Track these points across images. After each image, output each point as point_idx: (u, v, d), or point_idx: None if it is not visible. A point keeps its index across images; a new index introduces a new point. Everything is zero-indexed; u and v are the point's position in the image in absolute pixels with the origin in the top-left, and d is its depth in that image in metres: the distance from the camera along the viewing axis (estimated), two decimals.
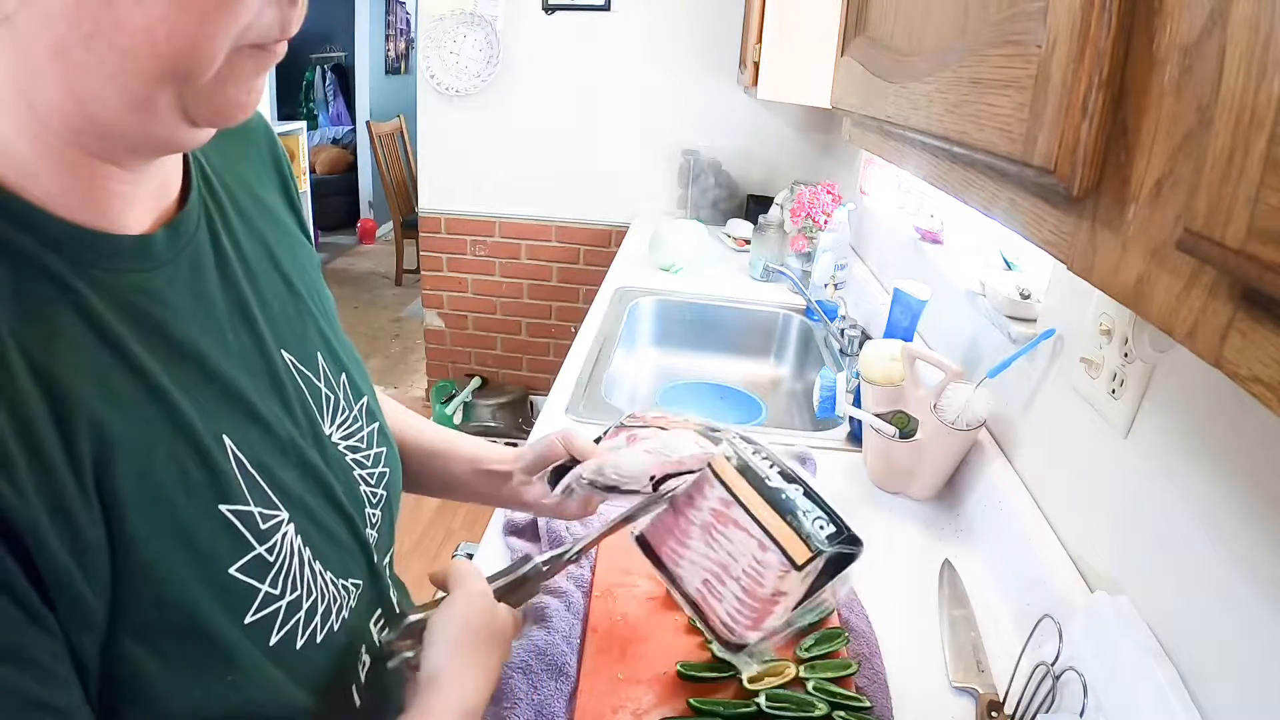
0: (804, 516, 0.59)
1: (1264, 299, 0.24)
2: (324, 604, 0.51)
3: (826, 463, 1.13)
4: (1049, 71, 0.35)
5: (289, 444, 0.50)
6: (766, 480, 0.61)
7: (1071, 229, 0.36)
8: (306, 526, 0.50)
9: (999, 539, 0.94)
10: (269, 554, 0.46)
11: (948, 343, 1.32)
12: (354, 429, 0.58)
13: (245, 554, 0.45)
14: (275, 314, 0.53)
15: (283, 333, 0.53)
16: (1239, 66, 0.24)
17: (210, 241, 0.49)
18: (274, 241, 0.56)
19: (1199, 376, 0.66)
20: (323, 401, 0.55)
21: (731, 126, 2.72)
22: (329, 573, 0.52)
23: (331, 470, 0.54)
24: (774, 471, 0.61)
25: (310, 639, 0.49)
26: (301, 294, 0.57)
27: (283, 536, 0.47)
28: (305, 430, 0.53)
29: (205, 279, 0.47)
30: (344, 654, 0.53)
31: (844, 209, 1.86)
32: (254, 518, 0.46)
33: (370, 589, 0.58)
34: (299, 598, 0.48)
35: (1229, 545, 0.59)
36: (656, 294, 1.90)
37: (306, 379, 0.54)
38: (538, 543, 0.93)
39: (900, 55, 0.64)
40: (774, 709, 0.69)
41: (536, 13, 2.66)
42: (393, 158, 4.64)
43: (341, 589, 0.53)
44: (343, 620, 0.53)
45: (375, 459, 0.60)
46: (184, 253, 0.46)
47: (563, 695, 0.72)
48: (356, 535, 0.56)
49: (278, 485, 0.48)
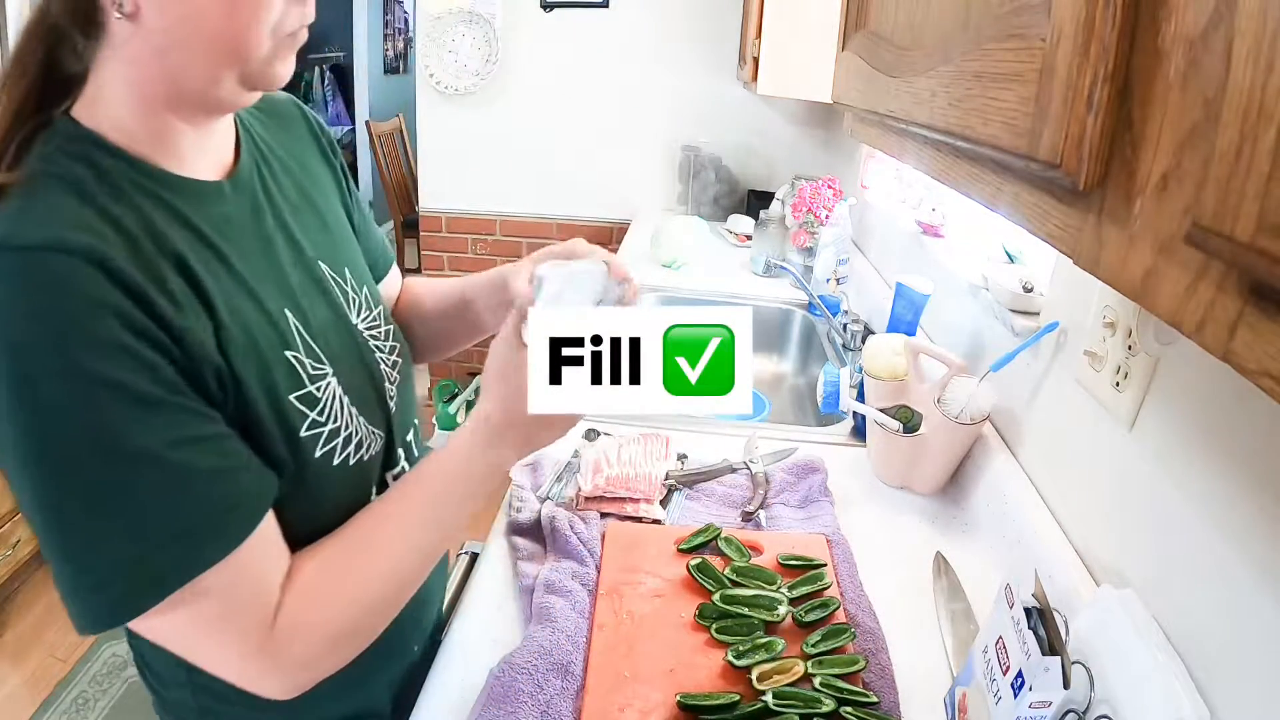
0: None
1: (1273, 293, 0.24)
2: (356, 436, 0.67)
3: (831, 458, 1.13)
4: (1053, 65, 0.35)
5: (329, 324, 0.68)
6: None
7: (1077, 223, 0.36)
8: (346, 379, 0.67)
9: (1004, 533, 0.94)
10: (318, 392, 0.63)
11: (951, 337, 1.32)
12: (374, 323, 0.75)
13: (300, 388, 0.61)
14: (314, 239, 0.70)
15: (320, 251, 0.70)
16: (1247, 59, 0.24)
17: (262, 190, 0.66)
18: (311, 188, 0.74)
19: (1204, 369, 0.65)
20: (349, 299, 0.72)
21: (732, 122, 2.72)
22: (361, 416, 0.68)
23: (360, 347, 0.71)
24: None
25: (344, 461, 0.65)
26: (332, 228, 0.74)
27: (327, 383, 0.64)
28: (340, 316, 0.70)
29: (260, 212, 0.65)
30: (363, 482, 0.69)
31: (845, 204, 1.85)
32: (306, 365, 0.63)
33: (388, 443, 0.72)
34: (338, 427, 0.64)
35: (1234, 537, 0.59)
36: (658, 290, 1.90)
37: (338, 283, 0.71)
38: (542, 542, 0.93)
39: (902, 49, 0.64)
40: (781, 706, 0.69)
41: (535, 10, 2.65)
42: (392, 157, 4.63)
43: (369, 430, 0.69)
44: (369, 454, 0.69)
45: (391, 349, 0.77)
46: (243, 196, 0.64)
47: (569, 694, 0.72)
48: (380, 396, 0.72)
49: (324, 348, 0.65)
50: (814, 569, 0.88)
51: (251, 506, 0.55)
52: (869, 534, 0.99)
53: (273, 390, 0.59)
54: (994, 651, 0.64)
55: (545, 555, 0.91)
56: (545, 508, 0.96)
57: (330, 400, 0.64)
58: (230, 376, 0.55)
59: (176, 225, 0.56)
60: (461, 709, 0.71)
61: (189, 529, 0.51)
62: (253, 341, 0.58)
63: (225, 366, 0.55)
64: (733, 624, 0.80)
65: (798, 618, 0.81)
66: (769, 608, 0.81)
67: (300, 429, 0.60)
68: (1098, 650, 0.64)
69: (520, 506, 0.98)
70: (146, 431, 0.50)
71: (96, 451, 0.48)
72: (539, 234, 2.91)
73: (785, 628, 0.81)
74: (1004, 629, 0.63)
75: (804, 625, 0.80)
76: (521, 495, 1.00)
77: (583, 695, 0.72)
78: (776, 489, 1.07)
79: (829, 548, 0.93)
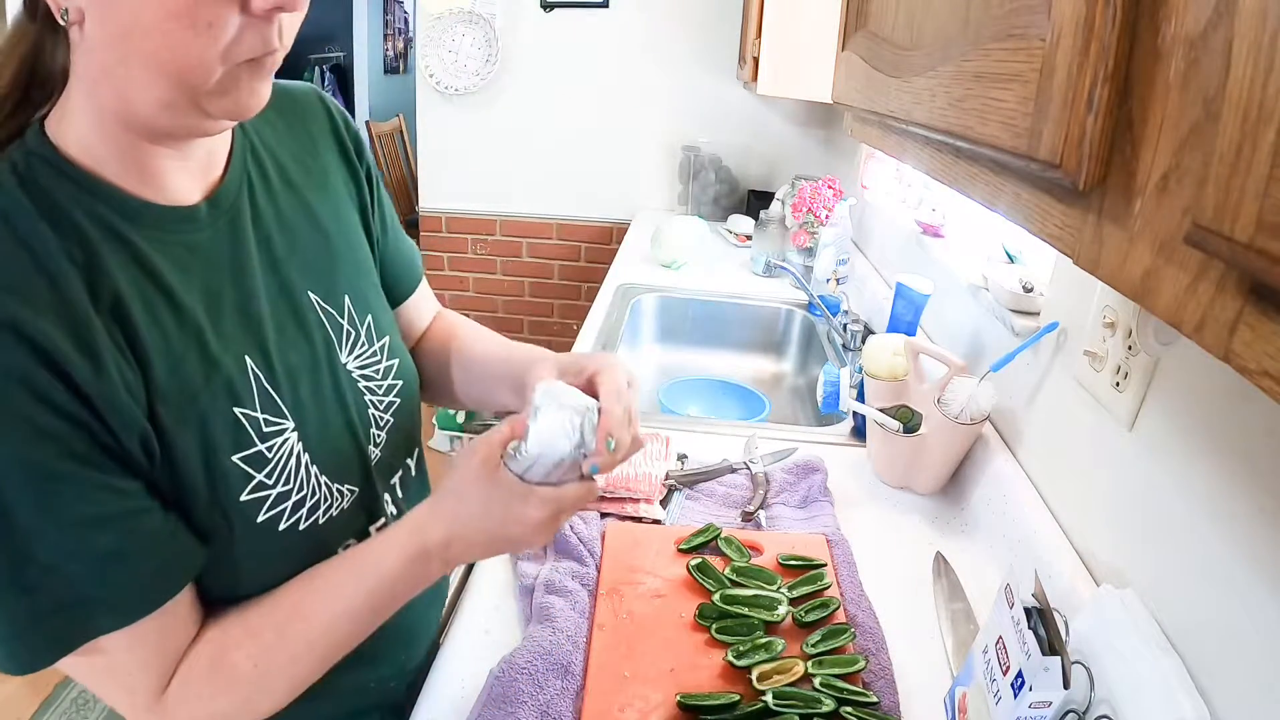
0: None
1: (1273, 293, 0.24)
2: (313, 498, 0.61)
3: (831, 458, 1.13)
4: (1053, 65, 0.35)
5: (304, 368, 0.62)
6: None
7: (1077, 223, 0.36)
8: (310, 435, 0.61)
9: (1004, 533, 0.94)
10: (269, 451, 0.58)
11: (951, 337, 1.32)
12: (371, 360, 0.69)
13: (246, 448, 0.56)
14: (307, 262, 0.64)
15: (311, 278, 0.64)
16: (1247, 59, 0.24)
17: (250, 209, 0.61)
18: (317, 202, 0.67)
19: (1204, 369, 0.65)
20: (341, 335, 0.66)
21: (731, 122, 2.72)
22: (324, 476, 0.62)
23: (343, 392, 0.65)
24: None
25: (294, 525, 0.60)
26: (339, 248, 0.67)
27: (282, 440, 0.59)
28: (322, 356, 0.64)
29: (241, 237, 0.59)
30: (320, 545, 0.63)
31: (845, 204, 1.85)
32: (259, 422, 0.57)
33: (364, 495, 0.67)
34: (289, 490, 0.59)
35: (1234, 537, 0.59)
36: (658, 291, 1.90)
37: (329, 315, 0.65)
38: None
39: (901, 49, 0.64)
40: (781, 706, 0.69)
41: (535, 10, 2.65)
42: (392, 157, 4.63)
43: (331, 490, 0.63)
44: (330, 516, 0.63)
45: (388, 389, 0.70)
46: (223, 217, 0.58)
47: (569, 695, 0.72)
48: (359, 449, 0.66)
49: (289, 399, 0.60)
50: (814, 569, 0.88)
51: (154, 589, 0.52)
52: (869, 534, 0.99)
53: (211, 451, 0.54)
54: (994, 651, 0.64)
55: (545, 555, 0.91)
56: None
57: (283, 459, 0.59)
58: (158, 439, 0.52)
59: (124, 262, 0.52)
60: (461, 709, 0.71)
61: (84, 599, 0.49)
62: (191, 397, 0.53)
63: (151, 429, 0.51)
64: (733, 624, 0.80)
65: (798, 618, 0.81)
66: (769, 608, 0.81)
67: (240, 493, 0.56)
68: (1098, 650, 0.64)
69: None
70: (45, 510, 0.47)
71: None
72: (539, 234, 2.91)
73: (785, 628, 0.81)
74: (1004, 629, 0.63)
75: (804, 625, 0.80)
76: None
77: (583, 695, 0.72)
78: (776, 489, 1.07)
79: (829, 548, 0.93)
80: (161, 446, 0.52)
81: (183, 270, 0.55)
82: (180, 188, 0.56)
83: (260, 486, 0.57)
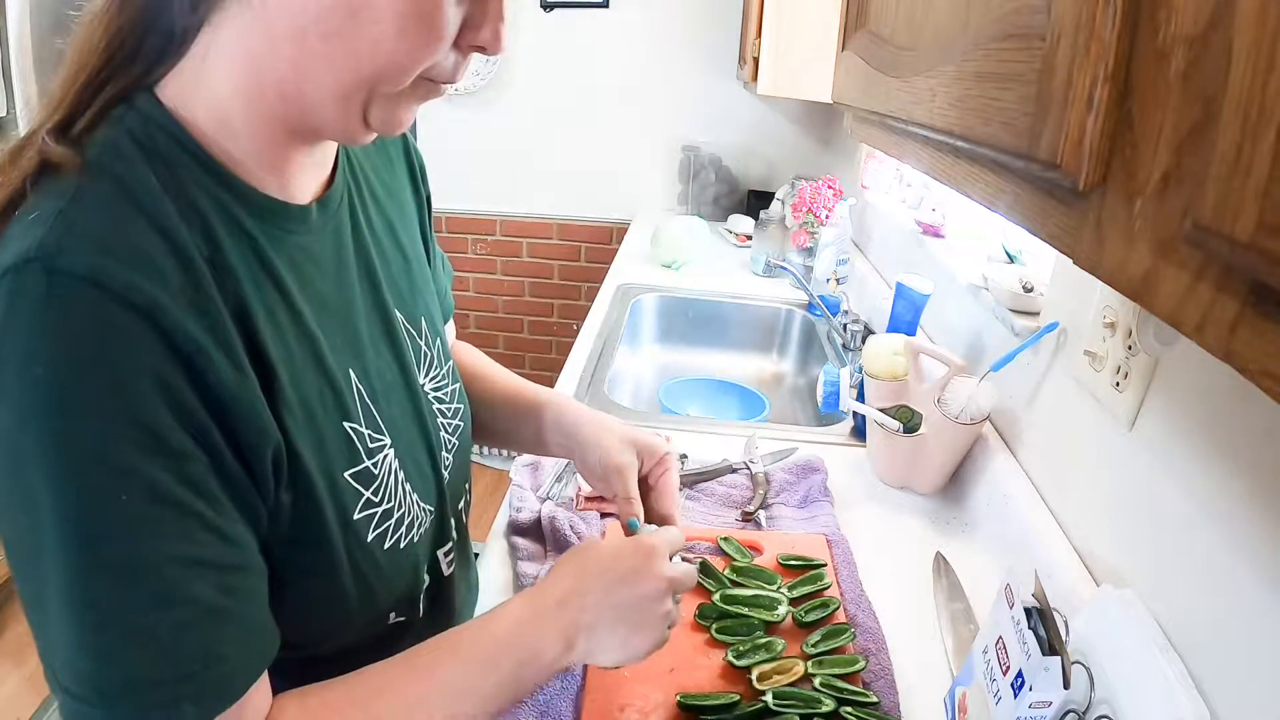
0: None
1: (1273, 293, 0.23)
2: (409, 517, 0.60)
3: (831, 458, 1.13)
4: (1053, 65, 0.35)
5: (395, 385, 0.61)
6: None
7: (1077, 223, 0.36)
8: (402, 453, 0.60)
9: (1004, 533, 0.94)
10: (374, 467, 0.56)
11: (951, 337, 1.32)
12: (442, 383, 0.68)
13: (357, 464, 0.54)
14: (394, 280, 0.63)
15: (397, 296, 0.63)
16: (1247, 59, 0.24)
17: (349, 216, 0.59)
18: (397, 222, 0.66)
19: (1204, 369, 0.65)
20: (421, 356, 0.65)
21: (731, 122, 2.72)
22: (415, 494, 0.61)
23: (422, 412, 0.64)
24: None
25: (395, 544, 0.58)
26: (415, 268, 0.67)
27: (384, 456, 0.57)
28: (408, 376, 0.63)
29: (343, 245, 0.57)
30: (416, 565, 0.62)
31: (845, 204, 1.85)
32: (365, 437, 0.56)
33: (438, 518, 0.66)
34: (391, 508, 0.58)
35: (1234, 537, 0.59)
36: (658, 291, 1.90)
37: (411, 336, 0.64)
38: (542, 542, 0.93)
39: (901, 49, 0.64)
40: (781, 706, 0.69)
41: (535, 10, 2.65)
42: None
43: (422, 509, 0.62)
44: (420, 534, 0.62)
45: (454, 412, 0.70)
46: (330, 223, 0.56)
47: (569, 693, 0.72)
48: (435, 469, 0.65)
49: (385, 415, 0.58)
50: (814, 569, 0.88)
51: (245, 664, 0.46)
52: (869, 534, 0.99)
53: (328, 467, 0.51)
54: (994, 651, 0.64)
55: (545, 555, 0.91)
56: (545, 508, 0.96)
57: (386, 476, 0.57)
58: (287, 452, 0.48)
59: (247, 259, 0.48)
60: None
61: (165, 679, 0.42)
62: (310, 412, 0.50)
63: (282, 441, 0.47)
64: (733, 624, 0.80)
65: (798, 618, 0.81)
66: (769, 608, 0.81)
67: (354, 510, 0.53)
68: (1098, 650, 0.64)
69: (520, 506, 0.98)
70: (137, 539, 0.40)
71: (87, 545, 0.39)
72: (539, 234, 2.91)
73: (785, 628, 0.81)
74: (1004, 629, 0.63)
75: (804, 625, 0.80)
76: (521, 495, 1.00)
77: (583, 695, 0.72)
78: (776, 489, 1.07)
79: (829, 548, 0.93)
80: (290, 461, 0.48)
81: (297, 273, 0.51)
82: (300, 186, 0.53)
83: (369, 504, 0.55)
